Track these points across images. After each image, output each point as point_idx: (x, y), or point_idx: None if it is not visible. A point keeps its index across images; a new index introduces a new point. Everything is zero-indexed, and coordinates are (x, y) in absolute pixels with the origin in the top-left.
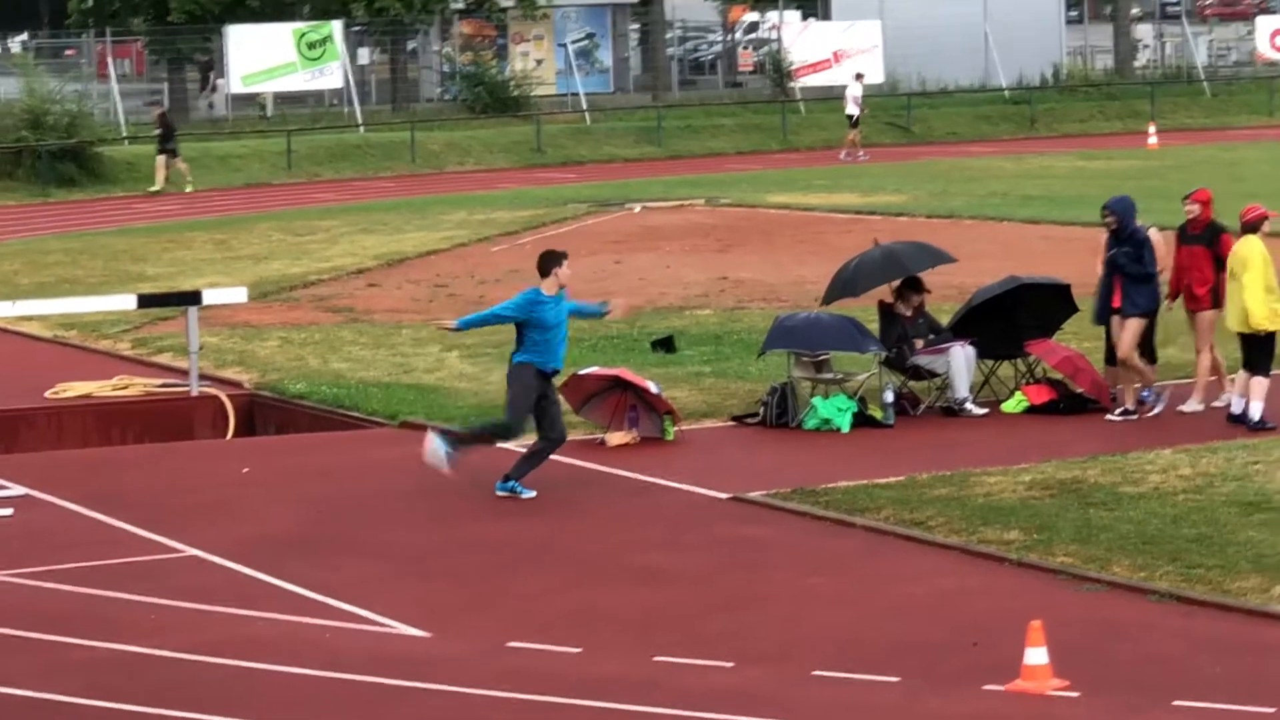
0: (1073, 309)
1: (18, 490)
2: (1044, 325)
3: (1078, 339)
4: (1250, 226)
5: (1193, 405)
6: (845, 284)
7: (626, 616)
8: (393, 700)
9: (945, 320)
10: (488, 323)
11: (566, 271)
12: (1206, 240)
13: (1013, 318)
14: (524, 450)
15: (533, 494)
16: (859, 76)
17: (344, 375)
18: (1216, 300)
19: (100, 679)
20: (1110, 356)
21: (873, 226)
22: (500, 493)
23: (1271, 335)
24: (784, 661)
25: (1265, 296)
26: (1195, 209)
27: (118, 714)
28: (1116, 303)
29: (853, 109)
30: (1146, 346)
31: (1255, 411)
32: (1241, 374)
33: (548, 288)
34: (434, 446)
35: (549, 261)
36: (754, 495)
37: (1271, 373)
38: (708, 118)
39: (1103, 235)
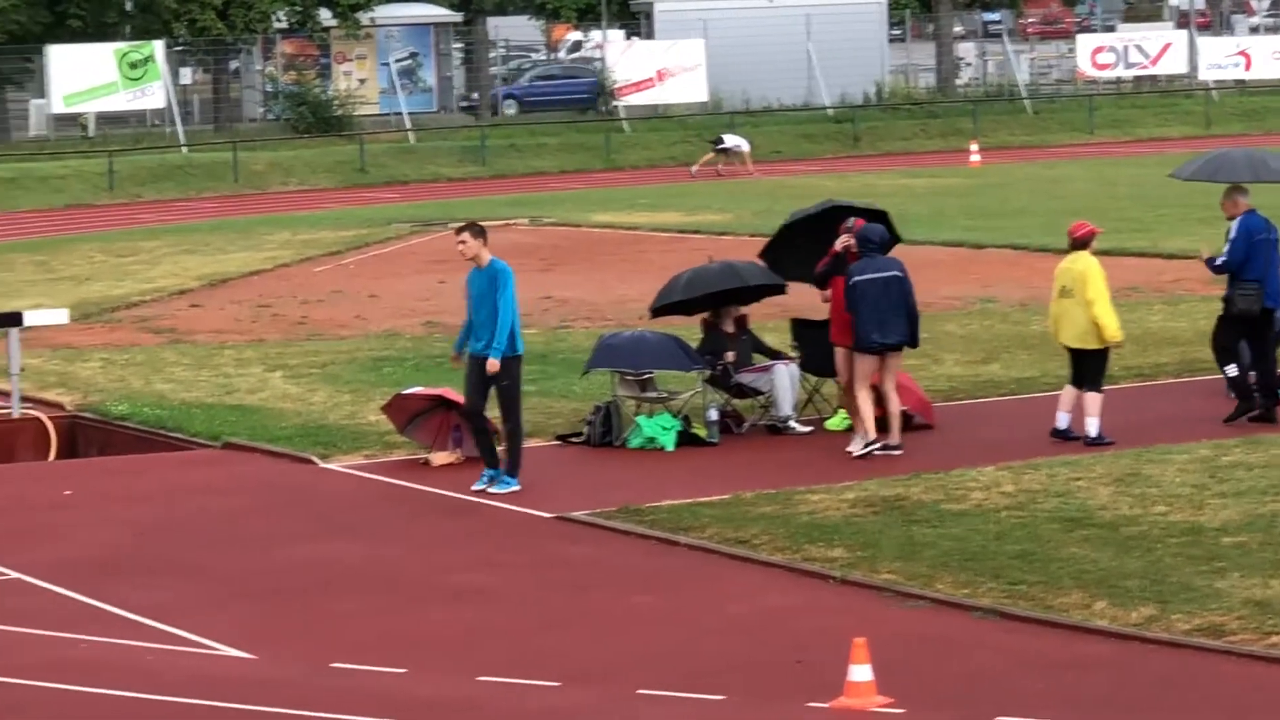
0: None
1: None
2: None
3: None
4: (1081, 243)
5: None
6: (686, 285)
7: (451, 636)
8: None
9: (768, 336)
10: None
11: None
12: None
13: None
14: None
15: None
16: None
17: (167, 396)
18: None
19: None
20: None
21: (696, 245)
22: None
23: (1107, 350)
24: (609, 681)
25: (1114, 309)
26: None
27: None
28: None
29: (729, 141)
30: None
31: (1093, 428)
32: (1069, 389)
33: None
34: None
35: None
36: (579, 514)
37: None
38: (531, 137)
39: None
